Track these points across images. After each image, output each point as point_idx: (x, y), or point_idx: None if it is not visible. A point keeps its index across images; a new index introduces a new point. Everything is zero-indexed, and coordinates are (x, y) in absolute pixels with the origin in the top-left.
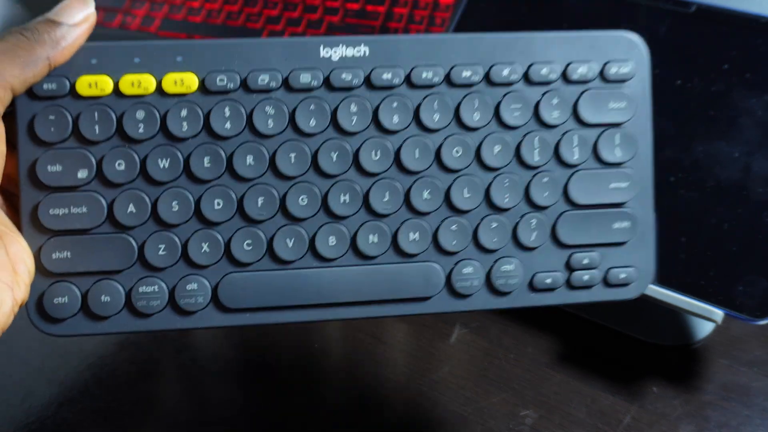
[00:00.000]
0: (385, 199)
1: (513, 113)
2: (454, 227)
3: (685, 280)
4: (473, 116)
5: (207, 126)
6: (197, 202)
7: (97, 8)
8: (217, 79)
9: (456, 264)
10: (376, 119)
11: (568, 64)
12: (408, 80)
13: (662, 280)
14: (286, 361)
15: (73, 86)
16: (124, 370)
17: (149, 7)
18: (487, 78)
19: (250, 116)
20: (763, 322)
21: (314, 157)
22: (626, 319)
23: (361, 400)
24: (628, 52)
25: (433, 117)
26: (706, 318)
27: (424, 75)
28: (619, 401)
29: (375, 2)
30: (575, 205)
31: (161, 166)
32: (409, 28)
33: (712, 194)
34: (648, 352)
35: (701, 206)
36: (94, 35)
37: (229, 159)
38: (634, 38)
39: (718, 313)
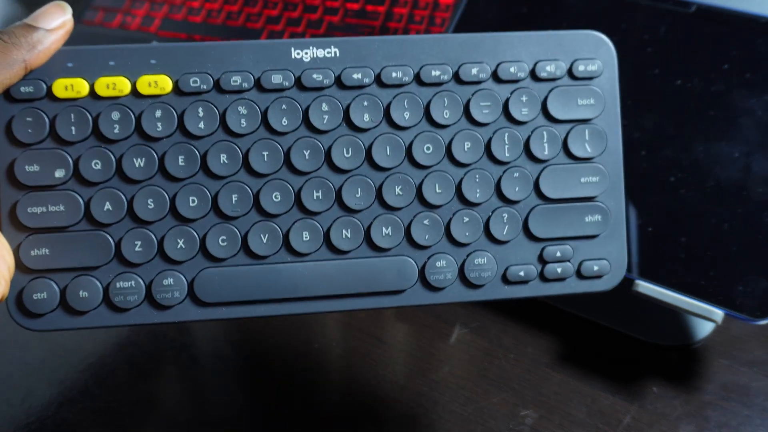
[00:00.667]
0: (358, 195)
1: (482, 110)
2: (426, 222)
3: (685, 280)
4: (443, 114)
5: (181, 126)
6: (172, 200)
7: (97, 8)
8: (191, 80)
9: (429, 258)
10: (347, 118)
11: (536, 63)
12: (378, 80)
13: (662, 280)
14: (286, 361)
15: (49, 89)
16: (124, 370)
17: (149, 7)
18: (456, 77)
19: (223, 116)
20: (763, 322)
21: (287, 154)
22: (626, 319)
23: (360, 400)
24: (595, 51)
25: (403, 115)
26: (706, 318)
27: (393, 74)
28: (619, 401)
29: (375, 2)
30: (546, 199)
31: (137, 165)
32: (409, 28)
33: (712, 194)
34: (648, 352)
35: (701, 206)
36: (95, 34)
37: (203, 157)
38: (601, 37)
39: (718, 313)
